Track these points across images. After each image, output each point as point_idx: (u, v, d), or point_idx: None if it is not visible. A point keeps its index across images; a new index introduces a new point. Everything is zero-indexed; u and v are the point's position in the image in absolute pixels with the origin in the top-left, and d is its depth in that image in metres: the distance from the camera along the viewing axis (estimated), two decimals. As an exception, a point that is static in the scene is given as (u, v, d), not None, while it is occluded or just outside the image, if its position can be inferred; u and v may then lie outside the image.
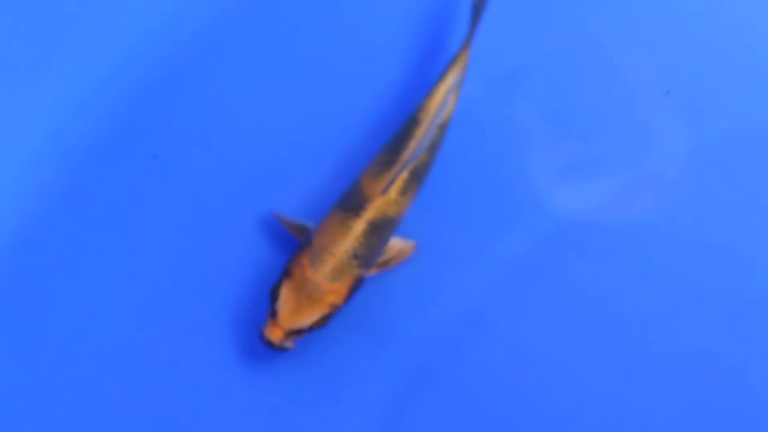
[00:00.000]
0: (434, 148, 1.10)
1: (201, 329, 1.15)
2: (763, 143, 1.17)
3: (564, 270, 1.16)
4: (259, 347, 1.09)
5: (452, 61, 1.12)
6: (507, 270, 1.16)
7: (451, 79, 1.11)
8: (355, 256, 1.06)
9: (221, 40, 1.21)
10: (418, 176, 1.09)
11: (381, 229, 1.07)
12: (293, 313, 1.05)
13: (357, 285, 1.08)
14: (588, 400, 1.13)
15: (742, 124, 1.18)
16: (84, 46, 1.20)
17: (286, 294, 1.06)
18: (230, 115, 1.20)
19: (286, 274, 1.07)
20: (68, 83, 1.19)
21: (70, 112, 1.19)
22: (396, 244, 1.13)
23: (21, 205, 1.17)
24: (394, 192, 1.07)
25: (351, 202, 1.07)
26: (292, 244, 1.14)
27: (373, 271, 1.11)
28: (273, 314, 1.06)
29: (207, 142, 1.19)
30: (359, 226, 1.06)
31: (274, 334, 1.06)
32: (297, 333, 1.06)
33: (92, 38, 1.20)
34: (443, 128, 1.11)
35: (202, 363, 1.15)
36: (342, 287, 1.06)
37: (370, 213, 1.06)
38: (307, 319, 1.06)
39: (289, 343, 1.06)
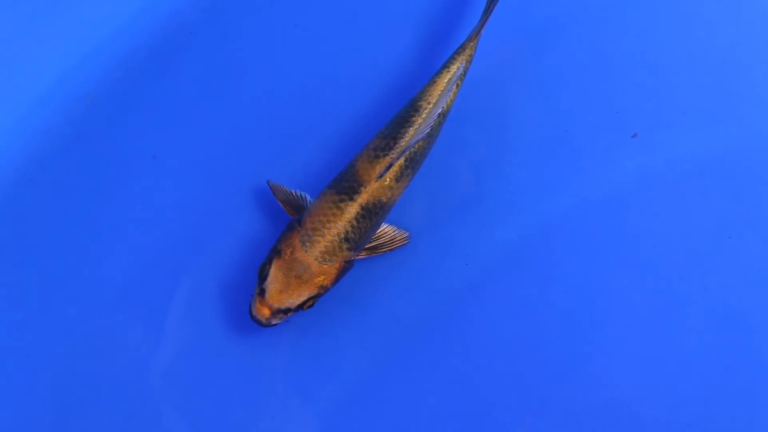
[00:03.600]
0: (432, 136, 1.10)
1: (188, 296, 1.15)
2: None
3: (554, 264, 1.15)
4: (245, 315, 1.10)
5: (458, 51, 1.12)
6: (497, 258, 1.15)
7: (455, 68, 1.10)
8: (346, 240, 1.06)
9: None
10: (414, 163, 1.08)
11: (374, 214, 1.07)
12: (281, 292, 1.05)
13: (346, 267, 1.08)
14: (567, 390, 1.13)
15: (749, 130, 1.18)
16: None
17: (275, 273, 1.05)
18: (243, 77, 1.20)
19: (275, 252, 1.06)
20: (80, 31, 1.20)
21: (80, 59, 1.19)
22: (389, 231, 1.13)
23: (23, 147, 1.17)
24: (389, 178, 1.06)
25: (345, 185, 1.07)
26: (284, 219, 1.14)
27: (362, 255, 1.11)
28: (261, 292, 1.05)
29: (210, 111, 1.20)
30: (352, 210, 1.06)
31: (261, 313, 1.05)
32: (284, 312, 1.06)
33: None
34: (443, 117, 1.10)
35: (188, 329, 1.14)
36: (331, 269, 1.06)
37: (363, 197, 1.06)
38: (295, 299, 1.05)
39: (275, 321, 1.06)
